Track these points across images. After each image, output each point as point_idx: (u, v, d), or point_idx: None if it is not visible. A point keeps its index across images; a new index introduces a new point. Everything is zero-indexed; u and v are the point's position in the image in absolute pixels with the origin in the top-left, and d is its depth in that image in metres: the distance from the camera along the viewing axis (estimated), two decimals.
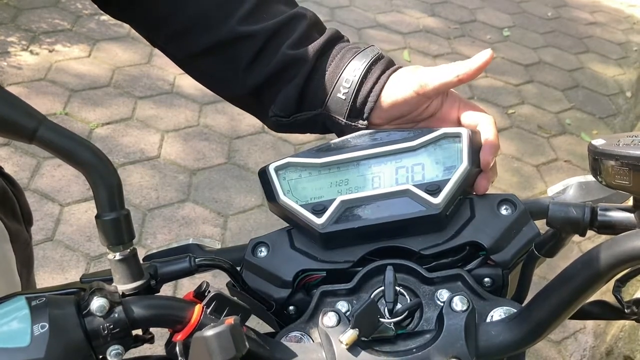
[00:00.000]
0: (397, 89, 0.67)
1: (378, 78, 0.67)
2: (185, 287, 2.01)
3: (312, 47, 0.69)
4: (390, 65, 0.69)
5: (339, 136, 0.69)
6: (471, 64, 0.64)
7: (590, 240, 2.36)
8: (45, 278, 2.10)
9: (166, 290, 2.12)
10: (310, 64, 0.68)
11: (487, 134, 0.64)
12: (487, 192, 0.63)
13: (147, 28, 0.74)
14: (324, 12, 3.96)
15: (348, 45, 0.71)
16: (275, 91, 0.70)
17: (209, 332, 0.43)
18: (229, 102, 0.77)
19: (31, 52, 3.11)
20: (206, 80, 0.75)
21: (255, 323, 0.54)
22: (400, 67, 0.70)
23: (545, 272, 2.21)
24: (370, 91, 0.67)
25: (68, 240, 2.25)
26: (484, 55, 0.63)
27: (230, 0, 0.69)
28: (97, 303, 0.44)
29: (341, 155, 0.64)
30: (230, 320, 0.45)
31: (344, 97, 0.68)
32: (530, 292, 0.60)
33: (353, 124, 0.68)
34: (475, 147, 0.62)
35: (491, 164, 0.63)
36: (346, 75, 0.68)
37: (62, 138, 0.45)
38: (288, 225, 0.63)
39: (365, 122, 0.68)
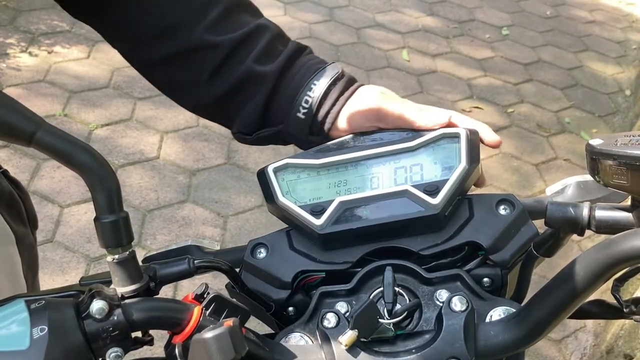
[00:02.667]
0: (354, 114, 0.69)
1: (336, 100, 0.69)
2: (185, 288, 2.01)
3: (276, 64, 0.70)
4: (350, 85, 0.71)
5: (301, 149, 0.71)
6: (428, 121, 0.65)
7: (590, 239, 2.36)
8: (46, 280, 2.10)
9: (166, 291, 2.11)
10: (272, 83, 0.70)
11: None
12: (485, 192, 0.63)
13: (112, 33, 0.74)
14: (323, 12, 3.96)
15: (310, 60, 0.72)
16: (238, 104, 0.72)
17: (208, 334, 0.43)
18: (190, 111, 0.77)
19: (30, 53, 3.11)
20: (166, 88, 0.76)
21: (255, 324, 0.54)
22: (362, 85, 0.72)
23: (546, 271, 2.21)
24: (328, 112, 0.69)
25: (68, 241, 2.25)
26: (445, 116, 0.65)
27: (195, 10, 0.70)
28: (97, 306, 0.44)
29: (340, 156, 0.64)
30: (229, 322, 0.45)
31: (303, 117, 0.70)
32: (530, 291, 0.61)
33: (313, 140, 0.71)
34: (474, 147, 0.62)
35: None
36: (305, 96, 0.69)
37: (61, 141, 0.45)
38: (287, 226, 0.63)
39: (326, 140, 0.70)
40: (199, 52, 0.70)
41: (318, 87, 0.69)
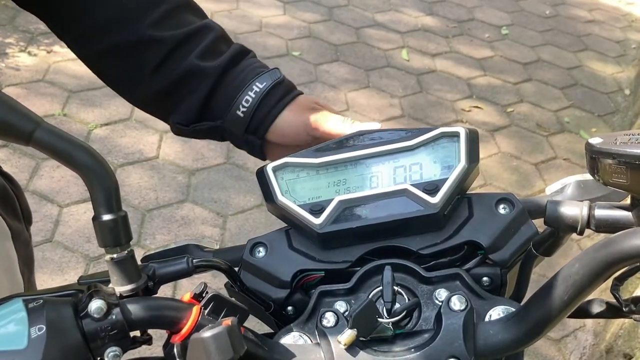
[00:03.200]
0: (291, 119, 0.72)
1: (276, 103, 0.72)
2: (184, 287, 2.01)
3: (219, 62, 0.73)
4: (290, 91, 0.74)
5: (236, 146, 0.75)
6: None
7: (590, 238, 2.36)
8: (45, 279, 2.10)
9: (165, 291, 2.11)
10: (214, 79, 0.72)
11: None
12: (485, 192, 0.63)
13: (58, 25, 0.75)
14: (322, 11, 3.95)
15: (253, 63, 0.75)
16: (177, 99, 0.74)
17: (207, 333, 0.43)
18: (135, 105, 0.79)
19: (29, 53, 3.11)
20: (112, 82, 0.78)
21: (254, 324, 0.54)
22: (300, 94, 0.75)
23: (545, 269, 2.21)
24: (267, 115, 0.72)
25: (67, 241, 2.25)
26: (374, 126, 0.69)
27: (142, 5, 0.72)
28: (95, 305, 0.44)
29: (339, 155, 0.64)
30: (228, 321, 0.45)
31: (242, 115, 0.72)
32: (529, 290, 0.60)
33: (249, 138, 0.74)
34: (473, 146, 0.62)
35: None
36: (246, 95, 0.72)
37: (59, 140, 0.45)
38: (286, 225, 0.63)
39: (260, 141, 0.74)
40: (143, 46, 0.72)
41: (260, 89, 0.72)
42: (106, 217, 0.46)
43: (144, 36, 0.71)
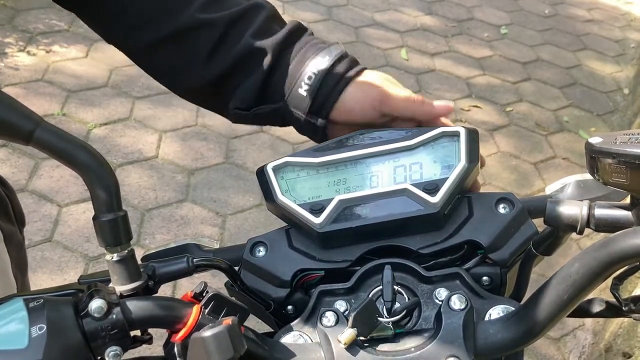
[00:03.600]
0: (357, 95, 0.67)
1: (341, 77, 0.68)
2: (185, 287, 2.01)
3: (274, 39, 0.69)
4: (354, 65, 0.69)
5: (298, 131, 0.70)
6: (434, 110, 0.68)
7: (589, 237, 2.37)
8: (44, 279, 2.10)
9: (166, 290, 2.10)
10: (272, 57, 0.68)
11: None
12: (485, 191, 0.63)
13: (103, 21, 0.72)
14: (321, 10, 3.95)
15: (312, 40, 0.71)
16: (235, 83, 0.70)
17: (207, 332, 0.43)
18: (184, 97, 0.75)
19: (28, 52, 3.11)
20: (164, 74, 0.74)
21: (254, 323, 0.54)
22: (365, 68, 0.70)
23: (544, 269, 2.21)
24: (332, 90, 0.67)
25: (67, 241, 2.25)
26: (446, 106, 0.68)
27: None
28: (95, 304, 0.44)
29: (339, 154, 0.64)
30: (228, 320, 0.45)
31: (305, 94, 0.68)
32: (529, 290, 0.60)
33: (312, 120, 0.69)
34: (474, 146, 0.62)
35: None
36: (309, 72, 0.67)
37: (59, 140, 0.45)
38: (286, 224, 0.63)
39: (324, 121, 0.68)
40: (193, 32, 0.69)
41: (322, 64, 0.67)
42: (106, 216, 0.46)
43: (193, 21, 0.68)
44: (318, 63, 0.67)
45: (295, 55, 0.69)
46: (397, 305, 0.54)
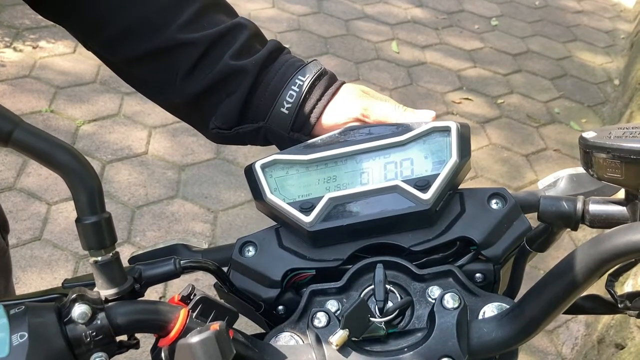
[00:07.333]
0: (339, 110, 0.69)
1: (322, 95, 0.69)
2: (176, 285, 1.99)
3: (255, 59, 0.69)
4: (333, 82, 0.71)
5: (280, 149, 0.69)
6: (415, 118, 0.67)
7: (582, 230, 2.37)
8: (34, 278, 2.08)
9: (156, 289, 2.08)
10: (253, 76, 0.69)
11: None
12: (477, 187, 0.62)
13: (83, 32, 0.72)
14: (311, 3, 3.93)
15: (291, 58, 0.72)
16: (215, 102, 0.70)
17: (194, 339, 0.42)
18: (167, 110, 0.76)
19: (14, 48, 3.07)
20: (142, 87, 0.74)
21: (244, 324, 0.53)
22: (344, 83, 0.71)
23: (536, 261, 2.22)
24: (314, 108, 0.69)
25: (56, 239, 2.23)
26: (428, 114, 0.67)
27: (170, 8, 0.68)
28: (79, 310, 0.43)
29: (329, 151, 0.63)
30: (216, 325, 0.44)
31: (287, 112, 0.69)
32: (523, 286, 0.60)
33: (295, 137, 0.70)
34: (465, 141, 0.61)
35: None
36: (290, 90, 0.69)
37: (39, 140, 0.44)
38: (276, 223, 0.62)
39: (307, 137, 0.69)
40: (174, 51, 0.68)
41: (303, 82, 0.68)
42: (89, 219, 0.45)
43: (173, 41, 0.67)
44: (299, 81, 0.69)
45: (275, 75, 0.70)
46: (390, 304, 0.53)
